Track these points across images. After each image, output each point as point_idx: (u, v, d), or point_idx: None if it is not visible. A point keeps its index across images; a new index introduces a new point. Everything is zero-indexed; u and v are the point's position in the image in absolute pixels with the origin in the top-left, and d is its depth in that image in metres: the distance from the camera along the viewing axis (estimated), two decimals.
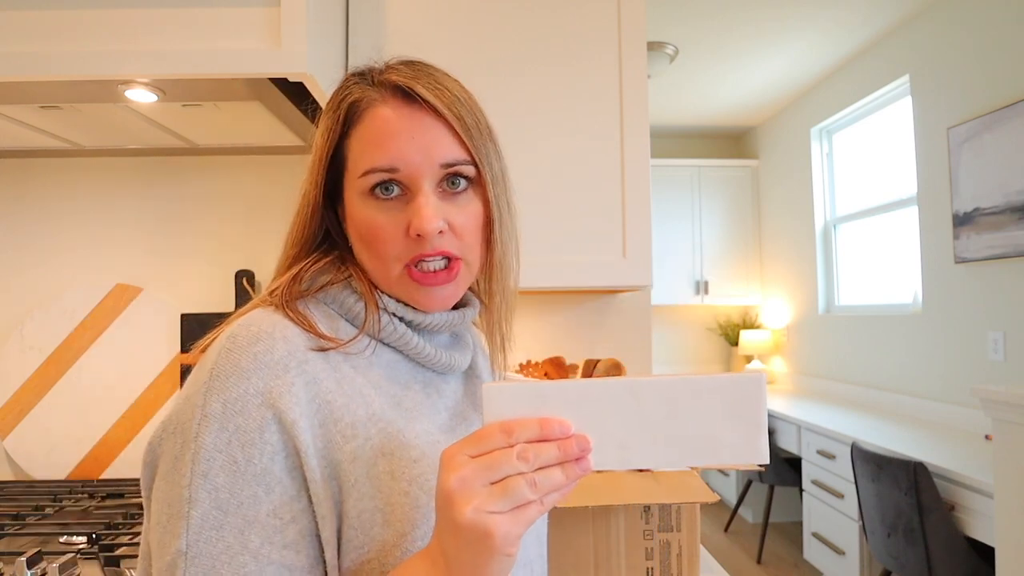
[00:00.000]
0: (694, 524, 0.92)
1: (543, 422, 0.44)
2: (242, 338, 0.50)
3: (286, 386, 0.49)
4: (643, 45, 1.36)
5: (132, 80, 1.06)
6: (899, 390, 3.21)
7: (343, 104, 0.58)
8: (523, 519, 0.41)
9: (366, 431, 0.52)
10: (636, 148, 1.34)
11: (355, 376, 0.55)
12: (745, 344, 4.56)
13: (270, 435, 0.48)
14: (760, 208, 4.76)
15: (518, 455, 0.42)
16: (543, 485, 0.42)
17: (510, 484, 0.41)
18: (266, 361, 0.49)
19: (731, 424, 0.45)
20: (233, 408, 0.48)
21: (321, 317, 0.57)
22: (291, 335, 0.52)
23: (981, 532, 2.01)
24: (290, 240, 0.61)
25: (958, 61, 2.80)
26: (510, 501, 0.41)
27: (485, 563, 0.42)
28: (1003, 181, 2.53)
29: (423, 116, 0.57)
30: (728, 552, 3.63)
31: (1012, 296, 2.53)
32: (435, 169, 0.56)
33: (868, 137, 3.64)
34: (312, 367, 0.51)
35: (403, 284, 0.58)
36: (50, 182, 1.57)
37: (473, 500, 0.41)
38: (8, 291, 1.56)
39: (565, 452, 0.43)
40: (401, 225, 0.56)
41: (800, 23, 3.11)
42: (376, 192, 0.56)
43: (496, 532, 0.40)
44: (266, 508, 0.48)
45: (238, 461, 0.47)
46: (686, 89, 4.00)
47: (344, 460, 0.50)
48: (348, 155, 0.58)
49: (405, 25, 1.34)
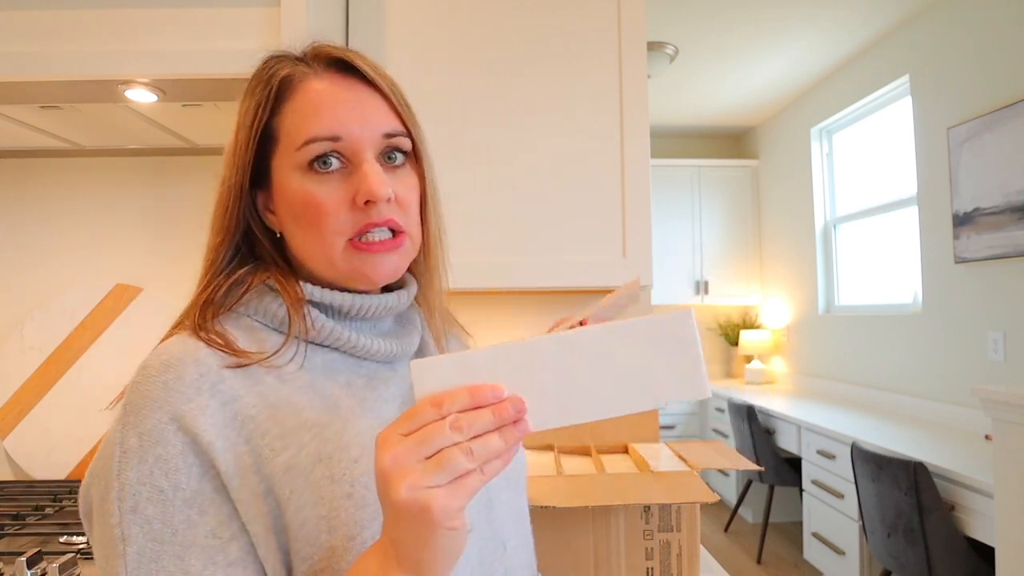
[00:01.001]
0: (694, 524, 0.92)
1: (473, 389, 0.42)
2: (152, 368, 0.50)
3: (199, 409, 0.48)
4: (643, 45, 1.36)
5: (132, 80, 1.06)
6: (899, 390, 3.21)
7: (273, 79, 0.56)
8: (463, 490, 0.40)
9: (299, 440, 0.51)
10: (636, 148, 1.34)
11: (281, 386, 0.53)
12: (745, 344, 4.56)
13: (193, 458, 0.48)
14: (760, 208, 4.76)
15: (451, 426, 0.41)
16: (480, 453, 0.41)
17: (444, 456, 0.40)
18: (176, 387, 0.48)
19: (667, 363, 0.45)
20: (150, 439, 0.47)
21: (242, 331, 0.55)
22: (203, 356, 0.51)
23: (981, 532, 2.01)
24: (211, 241, 0.58)
25: (958, 61, 2.80)
26: (447, 473, 0.40)
27: (428, 540, 0.40)
28: (1003, 181, 2.53)
29: (361, 87, 0.57)
30: (728, 552, 3.63)
31: (1012, 296, 2.53)
32: (377, 139, 0.56)
33: (868, 137, 3.64)
34: (229, 385, 0.50)
35: (348, 258, 0.55)
36: (50, 182, 1.57)
37: (408, 477, 0.40)
38: (8, 291, 1.56)
39: (500, 416, 0.42)
40: (345, 196, 0.54)
41: (800, 23, 3.11)
42: (315, 166, 0.54)
43: (434, 506, 0.39)
44: (203, 530, 0.47)
45: (164, 490, 0.47)
46: (686, 89, 4.00)
47: (277, 473, 0.49)
48: (280, 131, 0.56)
49: (405, 25, 1.34)
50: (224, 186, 0.57)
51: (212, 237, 0.58)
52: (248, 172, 0.56)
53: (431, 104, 1.32)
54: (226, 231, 0.57)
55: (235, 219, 0.57)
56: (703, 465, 1.01)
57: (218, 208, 0.58)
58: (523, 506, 0.68)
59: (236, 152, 0.57)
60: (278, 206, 0.58)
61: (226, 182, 0.57)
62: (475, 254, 1.31)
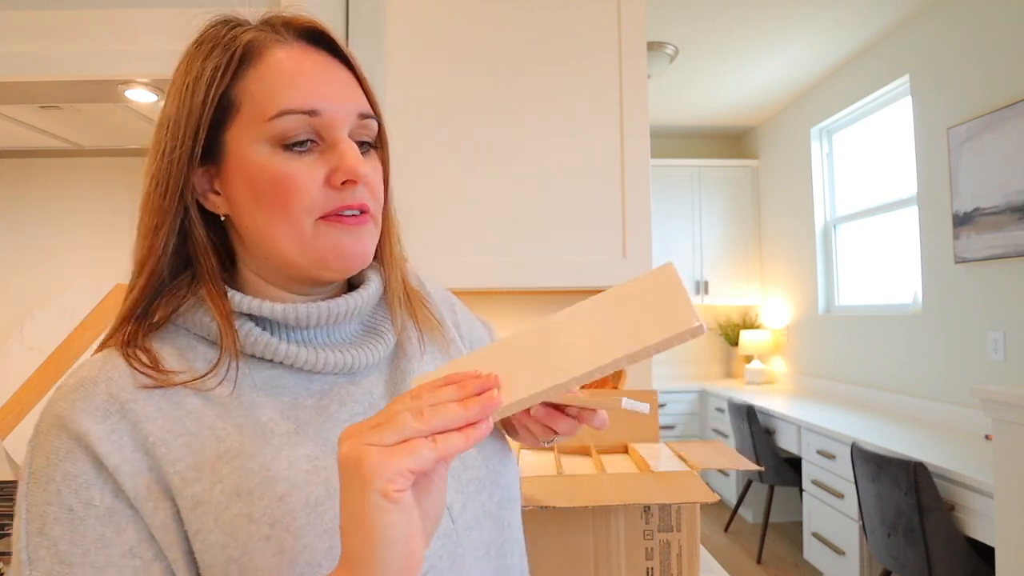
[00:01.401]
0: (694, 524, 0.92)
1: (447, 376, 0.42)
2: (65, 388, 0.47)
3: (105, 432, 0.45)
4: (643, 45, 1.36)
5: (132, 80, 1.06)
6: (899, 390, 3.21)
7: (235, 43, 0.50)
8: (405, 451, 0.37)
9: (214, 472, 0.46)
10: (636, 148, 1.34)
11: (205, 410, 0.48)
12: (745, 344, 4.56)
13: (105, 475, 0.45)
14: (760, 208, 4.76)
15: (411, 395, 0.40)
16: (431, 418, 0.38)
17: (392, 417, 0.38)
18: (84, 408, 0.45)
19: (650, 310, 0.43)
20: (56, 457, 0.44)
21: (177, 348, 0.51)
22: (118, 376, 0.47)
23: (981, 532, 2.01)
24: (145, 225, 0.51)
25: (958, 61, 2.80)
26: (391, 434, 0.37)
27: (359, 500, 0.37)
28: (1003, 181, 2.53)
29: (334, 63, 0.53)
30: (728, 552, 3.63)
31: (1012, 296, 2.53)
32: (352, 119, 0.52)
33: (868, 137, 3.64)
34: (141, 407, 0.46)
35: (322, 237, 0.50)
36: (50, 182, 1.57)
37: (354, 437, 0.38)
38: (8, 291, 1.56)
39: (464, 389, 0.41)
40: (317, 174, 0.50)
41: (800, 23, 3.11)
42: (288, 143, 0.49)
43: (365, 458, 0.36)
44: (119, 549, 0.44)
45: (73, 508, 0.43)
46: (686, 89, 3.99)
47: (185, 506, 0.45)
48: (242, 100, 0.50)
49: (405, 25, 1.34)
50: (162, 160, 0.50)
51: (146, 220, 0.51)
52: (199, 143, 0.50)
53: (431, 104, 1.32)
54: (164, 213, 0.51)
55: (175, 198, 0.50)
56: (703, 465, 1.01)
57: (154, 186, 0.51)
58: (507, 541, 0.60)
59: (183, 120, 0.50)
60: (230, 184, 0.51)
61: (166, 155, 0.50)
62: (475, 254, 1.31)
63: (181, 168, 0.50)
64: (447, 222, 1.32)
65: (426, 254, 1.31)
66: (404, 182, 1.35)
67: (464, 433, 0.39)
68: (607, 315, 0.44)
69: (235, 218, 0.52)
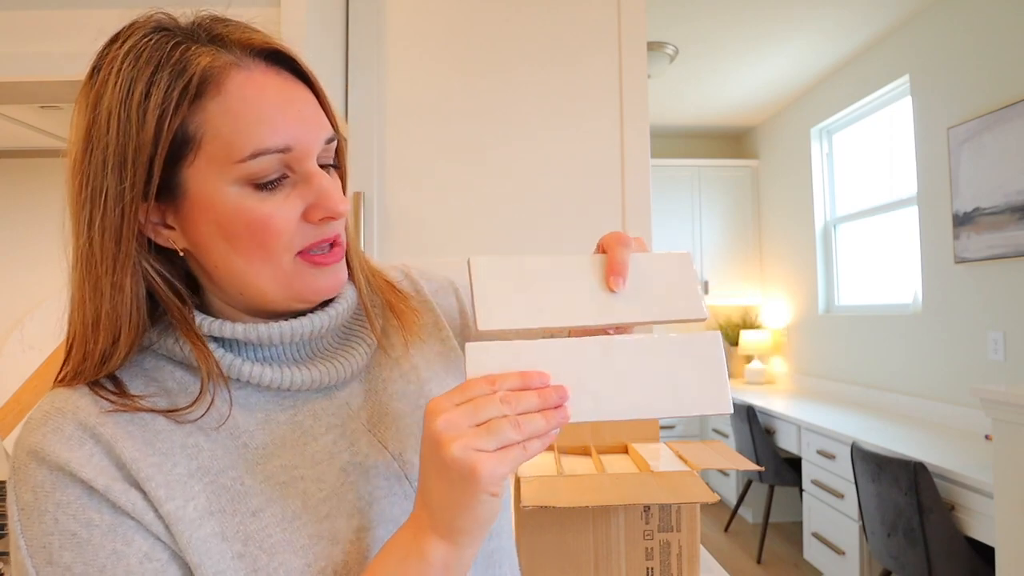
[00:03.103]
0: (694, 524, 0.92)
1: (524, 373, 0.45)
2: (33, 422, 0.46)
3: (85, 457, 0.44)
4: (643, 45, 1.36)
5: None
6: (899, 390, 3.21)
7: (189, 69, 0.44)
8: (507, 459, 0.42)
9: (186, 490, 0.46)
10: (636, 148, 1.34)
11: (175, 429, 0.48)
12: (745, 344, 4.56)
13: (98, 496, 0.44)
14: (760, 208, 4.76)
15: (501, 399, 0.43)
16: (526, 428, 0.43)
17: (494, 424, 0.42)
18: (56, 439, 0.45)
19: (694, 376, 0.49)
20: (44, 490, 0.44)
21: (140, 369, 0.50)
22: (84, 404, 0.46)
23: (981, 532, 2.01)
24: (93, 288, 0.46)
25: (958, 61, 2.80)
26: (495, 440, 0.42)
27: (471, 503, 0.43)
28: (1003, 181, 2.53)
29: (296, 86, 0.50)
30: (728, 552, 3.63)
31: (1012, 296, 2.53)
32: (320, 146, 0.50)
33: (868, 137, 3.63)
34: (110, 431, 0.45)
35: (300, 276, 0.50)
36: (50, 182, 1.57)
37: (461, 439, 0.42)
38: (8, 291, 1.56)
39: (545, 399, 0.45)
40: (294, 211, 0.48)
41: (800, 23, 3.11)
42: (260, 183, 0.46)
43: (482, 468, 0.41)
44: (135, 557, 0.44)
45: (77, 532, 0.43)
46: (686, 89, 3.99)
47: (168, 520, 0.45)
48: (203, 136, 0.45)
49: (405, 25, 1.34)
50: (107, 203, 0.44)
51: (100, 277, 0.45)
52: (153, 182, 0.45)
53: (430, 104, 1.32)
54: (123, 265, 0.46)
55: (130, 245, 0.46)
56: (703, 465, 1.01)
57: (100, 236, 0.45)
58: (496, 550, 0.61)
59: (129, 155, 0.44)
60: (192, 223, 0.47)
61: (109, 197, 0.44)
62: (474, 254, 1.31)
63: (133, 211, 0.45)
64: (447, 222, 1.32)
65: (425, 253, 1.31)
66: (403, 181, 1.35)
67: (543, 440, 0.44)
68: (656, 363, 0.49)
69: (199, 256, 0.49)
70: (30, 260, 1.56)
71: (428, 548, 0.44)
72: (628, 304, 0.51)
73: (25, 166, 1.57)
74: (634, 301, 0.51)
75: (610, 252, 0.52)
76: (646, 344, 0.50)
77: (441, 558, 0.44)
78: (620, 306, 0.51)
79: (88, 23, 1.04)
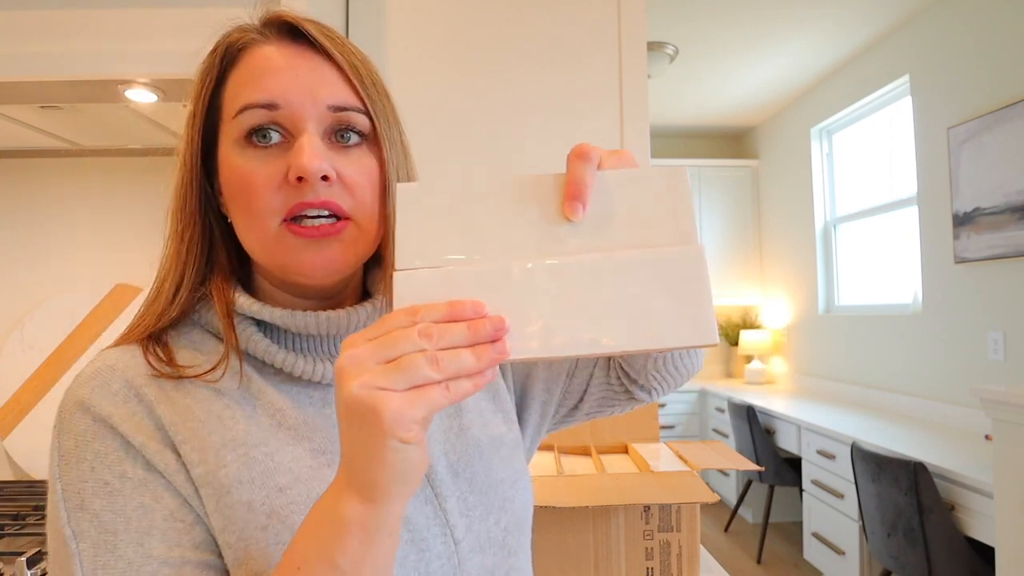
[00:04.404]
0: (694, 524, 0.92)
1: (453, 303, 0.39)
2: (84, 375, 0.49)
3: (127, 414, 0.47)
4: (643, 45, 1.36)
5: (132, 80, 1.06)
6: (899, 390, 3.21)
7: (220, 46, 0.52)
8: (421, 400, 0.36)
9: (219, 458, 0.47)
10: (636, 148, 1.34)
11: (214, 400, 0.50)
12: (745, 344, 4.56)
13: (134, 452, 0.46)
14: (760, 208, 4.76)
15: (419, 332, 0.37)
16: (447, 365, 0.37)
17: (405, 360, 0.36)
18: (103, 393, 0.47)
19: (669, 301, 0.40)
20: (84, 439, 0.46)
21: (188, 342, 0.52)
22: (134, 364, 0.49)
23: (981, 532, 2.01)
24: (172, 229, 0.52)
25: (958, 61, 2.80)
26: (405, 378, 0.36)
27: (379, 451, 0.36)
28: (1003, 181, 2.53)
29: (311, 55, 0.51)
30: (728, 552, 3.63)
31: (1012, 296, 2.53)
32: (322, 111, 0.49)
33: (868, 137, 3.64)
34: (153, 393, 0.48)
35: (282, 243, 0.49)
36: (50, 182, 1.57)
37: (362, 376, 0.36)
38: (8, 291, 1.56)
39: (475, 332, 0.38)
40: (278, 172, 0.48)
41: (800, 23, 3.11)
42: (253, 139, 0.49)
43: (383, 408, 0.35)
44: (161, 514, 0.45)
45: (110, 482, 0.45)
46: (686, 89, 3.99)
47: (197, 482, 0.47)
48: (224, 101, 0.51)
49: (405, 25, 1.34)
50: (183, 167, 0.52)
51: (172, 224, 0.53)
52: (198, 146, 0.51)
53: (430, 104, 1.32)
54: (188, 217, 0.52)
55: (196, 203, 0.52)
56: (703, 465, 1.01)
57: (177, 190, 0.53)
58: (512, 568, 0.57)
59: (186, 124, 0.52)
60: (222, 186, 0.52)
61: (181, 159, 0.52)
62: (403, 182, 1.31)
63: (196, 174, 0.52)
64: None
65: None
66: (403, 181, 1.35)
67: (473, 381, 0.38)
68: (621, 288, 0.41)
69: (232, 218, 0.52)
70: (30, 260, 1.56)
71: (343, 508, 0.39)
72: (590, 238, 0.42)
73: (25, 166, 1.57)
74: (598, 233, 0.42)
75: (568, 169, 0.45)
76: (610, 264, 0.41)
77: (357, 518, 0.39)
78: (574, 241, 0.42)
79: (88, 23, 1.04)
